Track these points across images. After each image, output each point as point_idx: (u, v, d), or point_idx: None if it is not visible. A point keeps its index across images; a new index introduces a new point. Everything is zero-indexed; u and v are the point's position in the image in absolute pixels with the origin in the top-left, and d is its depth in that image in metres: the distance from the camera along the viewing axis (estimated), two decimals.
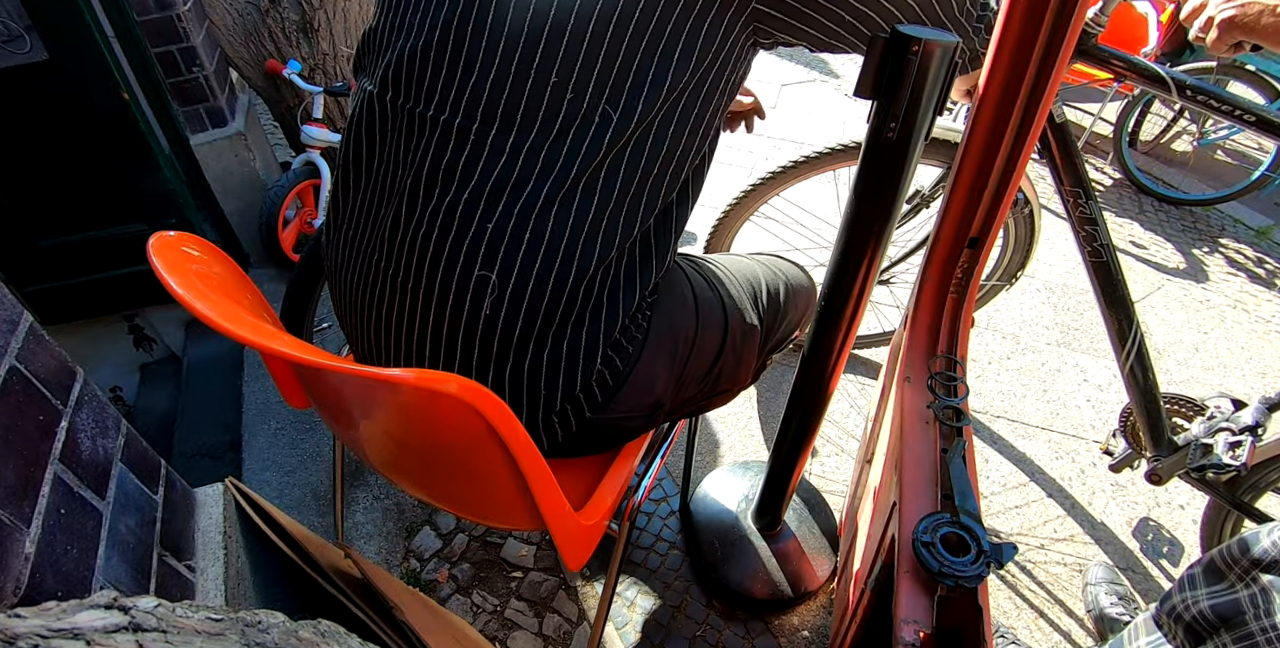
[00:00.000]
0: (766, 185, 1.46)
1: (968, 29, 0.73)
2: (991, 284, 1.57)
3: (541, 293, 0.64)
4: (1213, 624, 0.73)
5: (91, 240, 1.70)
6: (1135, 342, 1.15)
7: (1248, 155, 3.17)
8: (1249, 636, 0.69)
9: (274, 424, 1.58)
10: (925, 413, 0.80)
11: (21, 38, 1.39)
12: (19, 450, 0.60)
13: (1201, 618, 0.75)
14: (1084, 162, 1.09)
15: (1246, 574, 0.73)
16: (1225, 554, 0.76)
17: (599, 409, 0.73)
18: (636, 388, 0.74)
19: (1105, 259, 1.12)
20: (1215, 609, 0.73)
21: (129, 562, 0.71)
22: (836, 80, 3.52)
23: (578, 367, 0.69)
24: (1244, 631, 0.69)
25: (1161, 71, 0.99)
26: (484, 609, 1.24)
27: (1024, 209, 1.38)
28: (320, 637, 0.29)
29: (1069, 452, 1.63)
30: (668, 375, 0.77)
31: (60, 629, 0.20)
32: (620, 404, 0.74)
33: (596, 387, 0.71)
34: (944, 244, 0.90)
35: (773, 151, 2.81)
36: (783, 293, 0.95)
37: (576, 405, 0.71)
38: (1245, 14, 0.83)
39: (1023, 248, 1.45)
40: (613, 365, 0.71)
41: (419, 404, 0.61)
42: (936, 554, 0.61)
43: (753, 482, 1.38)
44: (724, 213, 1.54)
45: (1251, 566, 0.72)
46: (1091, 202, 1.09)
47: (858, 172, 0.72)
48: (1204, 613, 0.75)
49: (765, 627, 1.23)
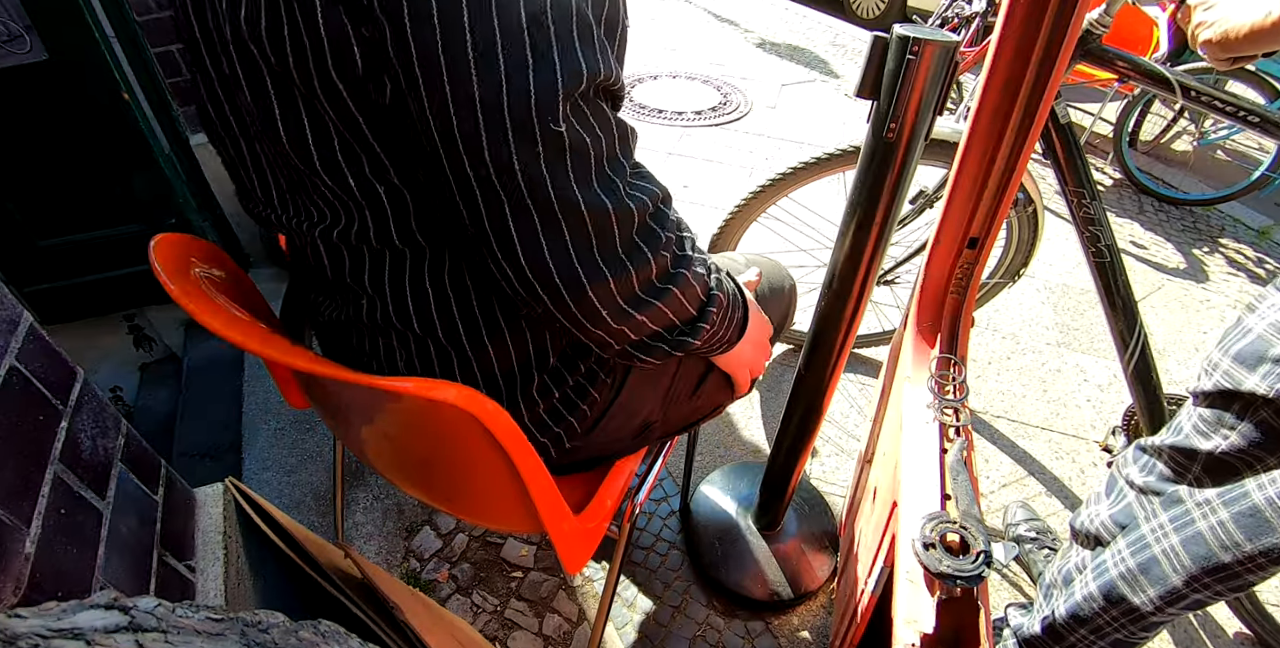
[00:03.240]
0: (775, 187, 1.45)
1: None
2: (994, 282, 1.57)
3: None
4: (1111, 531, 0.90)
5: (91, 240, 1.70)
6: (1139, 342, 1.15)
7: (1248, 155, 3.17)
8: (1141, 538, 0.82)
9: (274, 424, 1.58)
10: (925, 413, 0.80)
11: (21, 38, 1.38)
12: (19, 450, 0.60)
13: (1104, 528, 0.91)
14: (1088, 162, 1.09)
15: (1132, 487, 0.88)
16: (1119, 473, 0.92)
17: (583, 438, 0.72)
18: (622, 415, 0.74)
19: (1109, 259, 1.12)
20: (1115, 518, 0.90)
21: (129, 562, 0.71)
22: (836, 80, 3.51)
23: (559, 413, 0.69)
24: (1137, 533, 0.82)
25: (1166, 73, 0.99)
26: (484, 609, 1.24)
27: (1027, 208, 1.38)
28: (320, 637, 0.29)
29: (1069, 452, 1.63)
30: (654, 397, 0.77)
31: (60, 629, 0.20)
32: (605, 431, 0.74)
33: (578, 422, 0.70)
34: (944, 244, 0.90)
35: (773, 152, 2.81)
36: (765, 292, 0.94)
37: (557, 439, 0.71)
38: (1224, 38, 0.86)
39: (1025, 247, 1.45)
40: (593, 400, 0.70)
41: (417, 410, 0.61)
42: (936, 554, 0.61)
43: (753, 482, 1.38)
44: (731, 214, 1.52)
45: (1141, 490, 0.88)
46: (1095, 202, 1.09)
47: (857, 172, 0.72)
48: (1105, 524, 0.91)
49: (765, 627, 1.23)
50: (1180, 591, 0.77)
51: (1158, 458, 0.86)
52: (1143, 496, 0.86)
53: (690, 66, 3.52)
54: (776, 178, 1.44)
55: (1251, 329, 0.75)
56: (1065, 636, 0.92)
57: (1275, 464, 0.72)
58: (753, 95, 3.26)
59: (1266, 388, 0.70)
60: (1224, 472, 0.77)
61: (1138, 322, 1.14)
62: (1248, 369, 0.73)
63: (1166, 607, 0.79)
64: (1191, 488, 0.79)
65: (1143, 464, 0.88)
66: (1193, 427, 0.80)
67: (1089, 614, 0.87)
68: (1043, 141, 1.15)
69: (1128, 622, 0.84)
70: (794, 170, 1.41)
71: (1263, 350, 0.72)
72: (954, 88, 1.84)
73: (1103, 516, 0.91)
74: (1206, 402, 0.79)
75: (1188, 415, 0.82)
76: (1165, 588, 0.78)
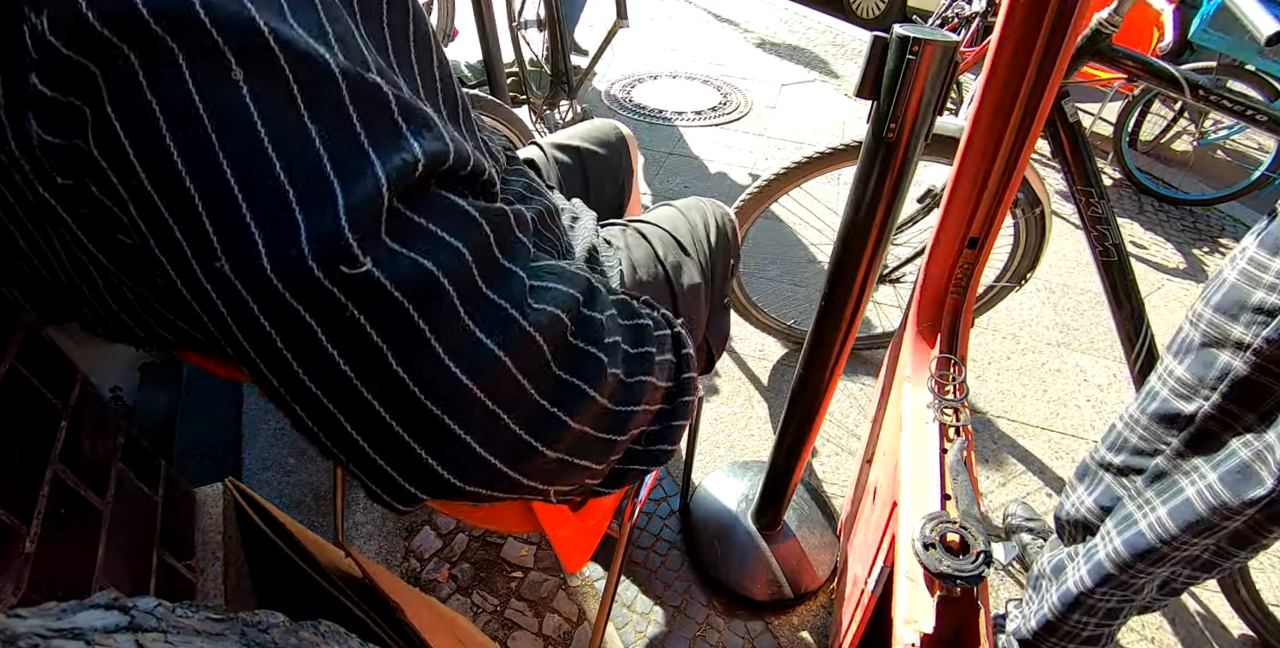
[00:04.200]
0: (780, 180, 1.42)
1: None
2: (1001, 285, 1.57)
3: None
4: (1098, 516, 0.88)
5: None
6: (1145, 342, 1.15)
7: (1248, 155, 3.17)
8: (1128, 516, 0.80)
9: (274, 424, 1.58)
10: (925, 413, 0.80)
11: None
12: (19, 450, 0.60)
13: (1090, 514, 0.89)
14: (1096, 161, 1.09)
15: (1108, 468, 0.86)
16: (1093, 457, 0.90)
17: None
18: None
19: (1116, 259, 1.12)
20: (1098, 501, 0.88)
21: (129, 562, 0.71)
22: (836, 80, 3.52)
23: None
24: (1124, 512, 0.81)
25: (1175, 72, 0.99)
26: (484, 609, 1.24)
27: (1035, 210, 1.37)
28: (320, 637, 0.29)
29: (1069, 451, 1.63)
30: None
31: (60, 629, 0.20)
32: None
33: None
34: (944, 244, 0.90)
35: (773, 152, 2.81)
36: (711, 231, 0.87)
37: None
38: None
39: (1033, 249, 1.45)
40: None
41: None
42: (936, 554, 0.61)
43: (753, 482, 1.38)
44: (737, 208, 1.51)
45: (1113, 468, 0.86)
46: (1104, 201, 1.10)
47: (857, 172, 0.72)
48: (1090, 509, 0.88)
49: (765, 627, 1.23)
50: (1160, 550, 0.76)
51: (1131, 432, 0.84)
52: (1121, 476, 0.85)
53: (690, 66, 3.52)
54: (781, 171, 1.42)
55: (1226, 279, 0.74)
56: (1059, 625, 0.92)
57: (1254, 422, 0.70)
58: (753, 95, 3.26)
59: (1251, 337, 0.69)
60: (1206, 439, 0.75)
61: (1144, 322, 1.14)
62: (1230, 319, 0.72)
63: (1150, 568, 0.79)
64: (1173, 459, 0.77)
65: (1112, 442, 0.87)
66: (1170, 391, 0.79)
67: (1081, 596, 0.88)
68: (1051, 141, 1.15)
69: (1119, 597, 0.85)
70: (797, 165, 1.39)
71: (1241, 299, 0.71)
72: (954, 87, 1.84)
73: (1086, 502, 0.90)
74: (1193, 357, 0.77)
75: (1161, 381, 0.80)
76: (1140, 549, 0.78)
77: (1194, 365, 0.76)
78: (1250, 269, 0.71)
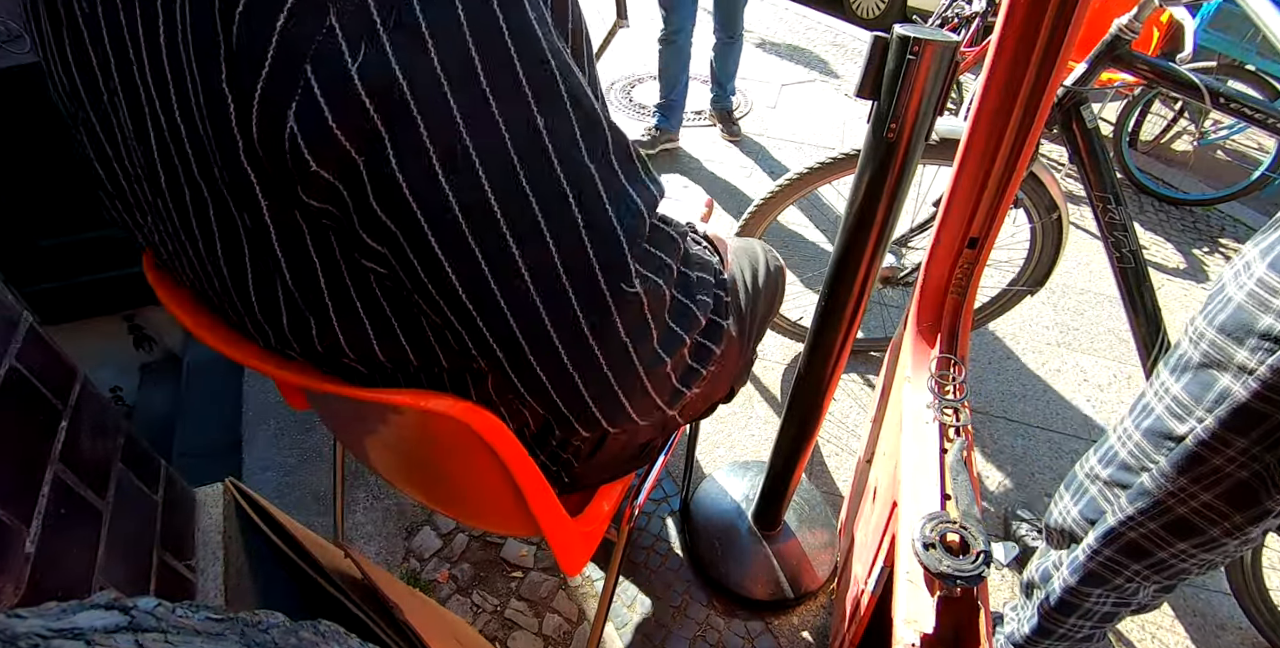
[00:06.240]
0: (803, 180, 1.41)
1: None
2: (1016, 290, 1.56)
3: None
4: (1084, 527, 0.89)
5: (92, 240, 1.70)
6: (1162, 346, 1.14)
7: (1248, 155, 3.17)
8: (1110, 530, 0.81)
9: (274, 424, 1.58)
10: (925, 413, 0.80)
11: (21, 38, 1.38)
12: (19, 450, 0.60)
13: (1076, 525, 0.90)
14: (1114, 166, 1.09)
15: (1095, 480, 0.87)
16: (1082, 467, 0.91)
17: (585, 463, 0.71)
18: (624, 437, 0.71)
19: (1133, 265, 1.12)
20: (1083, 513, 0.89)
21: (129, 562, 0.71)
22: (836, 80, 3.51)
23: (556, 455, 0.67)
24: (1106, 526, 0.82)
25: (1195, 79, 0.99)
26: (484, 609, 1.24)
27: (1052, 215, 1.36)
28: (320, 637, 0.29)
29: (1069, 452, 1.63)
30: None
31: (60, 629, 0.20)
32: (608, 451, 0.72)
33: (573, 457, 0.69)
34: (944, 244, 0.90)
35: (774, 152, 2.81)
36: (761, 276, 0.86)
37: (566, 465, 0.69)
38: None
39: (1050, 255, 1.44)
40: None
41: (413, 419, 0.61)
42: (936, 554, 0.61)
43: (753, 482, 1.38)
44: (755, 207, 1.48)
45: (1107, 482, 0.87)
46: (1121, 207, 1.09)
47: (857, 173, 0.72)
48: (1076, 520, 0.90)
49: (765, 627, 1.23)
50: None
51: (1122, 446, 0.83)
52: (1107, 489, 0.84)
53: (690, 66, 3.51)
54: (804, 171, 1.39)
55: (1232, 298, 0.72)
56: (1053, 629, 0.92)
57: (1248, 446, 0.68)
58: (753, 95, 3.26)
59: (1256, 363, 0.67)
60: (1195, 463, 0.73)
61: (1161, 327, 1.13)
62: (1235, 342, 0.70)
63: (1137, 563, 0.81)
64: (1160, 478, 0.76)
65: (1103, 454, 0.86)
66: (1165, 409, 0.77)
67: (1072, 600, 0.88)
68: (1069, 146, 1.15)
69: (1114, 600, 0.86)
70: (822, 165, 1.37)
71: (1248, 323, 0.69)
72: (954, 88, 1.84)
73: (1072, 512, 0.90)
74: (1190, 376, 0.75)
75: (1158, 396, 0.79)
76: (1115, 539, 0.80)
77: (1191, 385, 0.74)
78: (1259, 291, 0.68)
